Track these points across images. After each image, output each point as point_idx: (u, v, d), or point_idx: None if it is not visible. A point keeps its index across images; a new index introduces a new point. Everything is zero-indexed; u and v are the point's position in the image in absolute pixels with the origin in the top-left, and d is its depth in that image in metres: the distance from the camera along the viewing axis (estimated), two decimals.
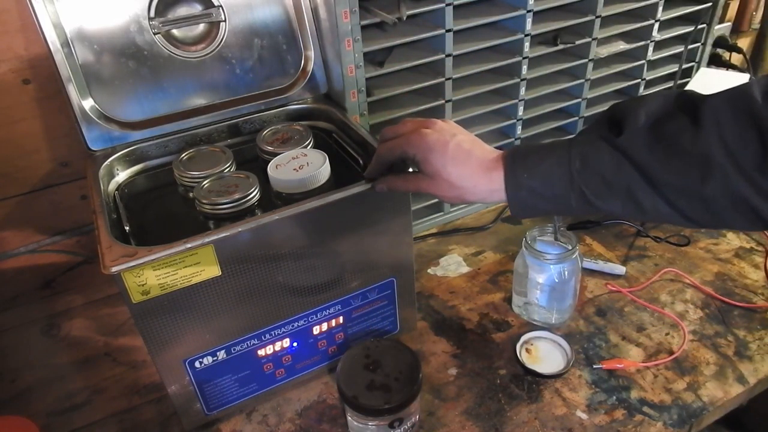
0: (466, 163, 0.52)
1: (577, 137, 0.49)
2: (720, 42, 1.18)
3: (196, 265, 0.55)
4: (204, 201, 0.62)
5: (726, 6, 1.20)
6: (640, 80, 1.04)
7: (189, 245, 0.53)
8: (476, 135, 0.90)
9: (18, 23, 0.71)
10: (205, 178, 0.65)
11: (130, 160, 0.72)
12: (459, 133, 0.54)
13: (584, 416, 0.65)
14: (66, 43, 0.66)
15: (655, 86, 1.08)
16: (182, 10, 0.71)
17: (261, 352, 0.64)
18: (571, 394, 0.68)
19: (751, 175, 0.41)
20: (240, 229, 0.55)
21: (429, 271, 0.88)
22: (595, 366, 0.70)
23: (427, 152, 0.52)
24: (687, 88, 1.02)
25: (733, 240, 0.90)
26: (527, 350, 0.73)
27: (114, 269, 0.50)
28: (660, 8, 0.97)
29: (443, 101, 0.85)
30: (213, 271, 0.56)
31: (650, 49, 1.01)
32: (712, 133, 0.42)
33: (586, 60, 0.94)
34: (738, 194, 0.42)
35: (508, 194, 0.50)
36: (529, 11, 0.83)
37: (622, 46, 0.99)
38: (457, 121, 0.87)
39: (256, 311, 0.61)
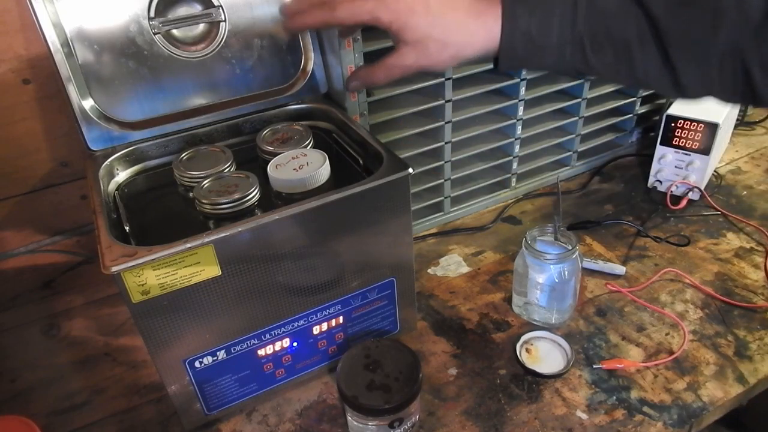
0: (456, 12, 0.47)
1: None
2: None
3: (196, 265, 0.55)
4: (204, 201, 0.62)
5: None
6: None
7: (189, 245, 0.53)
8: (476, 135, 0.91)
9: (18, 23, 0.71)
10: (205, 178, 0.65)
11: (130, 160, 0.72)
12: None
13: (584, 416, 0.65)
14: (66, 43, 0.66)
15: None
16: (182, 10, 0.71)
17: (261, 352, 0.64)
18: (571, 394, 0.68)
19: (754, 31, 0.41)
20: (240, 229, 0.55)
21: (429, 271, 0.88)
22: (595, 366, 0.70)
23: (407, 15, 0.47)
24: None
25: (733, 240, 0.90)
26: (527, 350, 0.73)
27: (114, 269, 0.50)
28: None
29: (443, 101, 0.85)
30: (213, 271, 0.56)
31: None
32: None
33: None
34: (738, 50, 0.42)
35: (503, 38, 0.46)
36: None
37: None
38: (457, 122, 0.88)
39: (256, 311, 0.62)
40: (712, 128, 0.91)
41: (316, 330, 0.67)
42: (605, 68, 0.46)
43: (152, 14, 0.70)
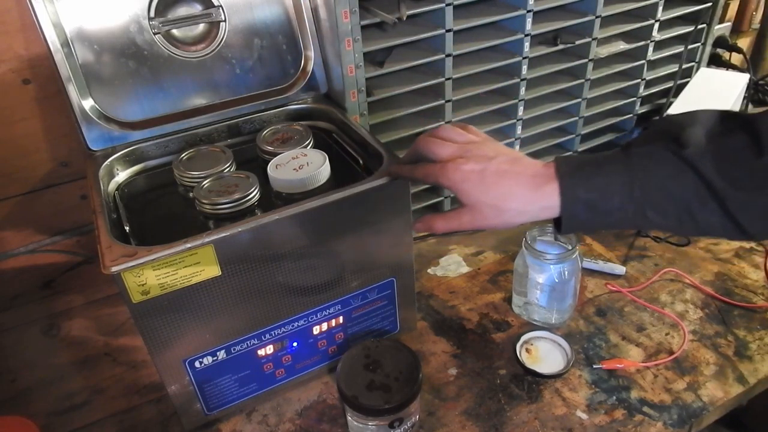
0: (510, 183, 0.50)
1: (632, 149, 0.48)
2: (720, 42, 1.18)
3: (196, 265, 0.55)
4: (204, 201, 0.62)
5: (726, 6, 1.20)
6: (640, 80, 1.04)
7: (189, 245, 0.53)
8: None
9: (18, 23, 0.71)
10: (205, 178, 0.65)
11: (130, 160, 0.72)
12: (497, 155, 0.51)
13: (584, 416, 0.65)
14: (66, 43, 0.66)
15: (655, 86, 1.08)
16: (182, 10, 0.71)
17: (261, 352, 0.64)
18: (571, 394, 0.68)
19: None
20: (240, 229, 0.55)
21: (429, 271, 0.88)
22: (595, 366, 0.70)
23: (462, 183, 0.51)
24: (686, 88, 1.03)
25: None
26: (527, 350, 0.73)
27: (114, 269, 0.50)
28: (660, 8, 0.97)
29: (443, 101, 0.85)
30: (213, 271, 0.56)
31: (650, 49, 1.01)
32: None
33: (586, 60, 0.94)
34: None
35: (563, 210, 0.48)
36: (529, 11, 0.83)
37: (622, 46, 0.99)
38: (457, 121, 0.88)
39: (256, 311, 0.61)
40: None
41: (316, 330, 0.67)
42: (668, 226, 0.48)
43: (152, 14, 0.70)
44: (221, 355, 0.62)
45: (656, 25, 0.99)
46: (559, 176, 0.48)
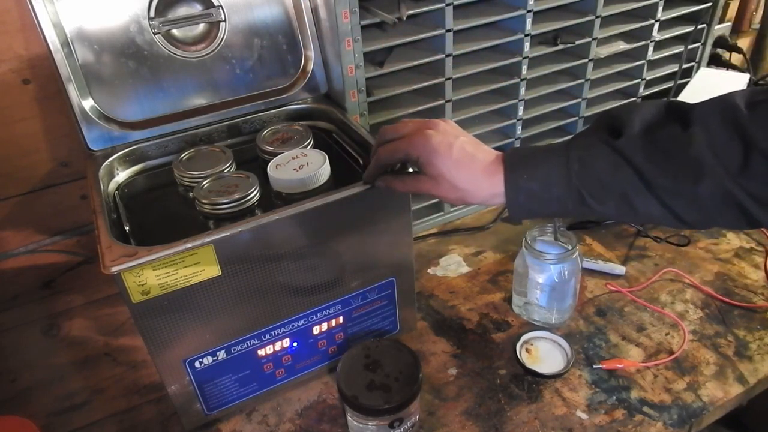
0: (470, 166, 0.52)
1: (574, 141, 0.50)
2: (720, 42, 1.18)
3: (196, 265, 0.55)
4: (204, 201, 0.62)
5: (726, 6, 1.20)
6: (640, 80, 1.04)
7: (189, 245, 0.53)
8: (476, 135, 0.90)
9: (18, 23, 0.71)
10: (205, 178, 0.65)
11: (130, 160, 0.72)
12: (461, 135, 0.54)
13: (584, 416, 0.65)
14: (66, 43, 0.66)
15: (655, 86, 1.08)
16: (182, 10, 0.71)
17: (261, 352, 0.64)
18: (571, 394, 0.68)
19: (737, 177, 0.44)
20: (240, 229, 0.55)
21: (429, 271, 0.88)
22: (595, 366, 0.70)
23: (431, 154, 0.52)
24: (686, 88, 1.03)
25: (733, 240, 0.90)
26: (527, 350, 0.73)
27: (114, 269, 0.50)
28: (660, 8, 0.97)
29: (443, 101, 0.85)
30: (213, 271, 0.56)
31: (650, 49, 1.01)
32: (702, 139, 0.45)
33: (586, 60, 0.94)
34: (727, 194, 0.44)
35: (508, 198, 0.51)
36: (529, 11, 0.83)
37: (622, 46, 0.99)
38: (457, 121, 0.88)
39: (256, 311, 0.62)
40: None
41: (316, 330, 0.67)
42: (610, 215, 0.50)
43: (152, 14, 0.70)
44: (221, 355, 0.62)
45: (656, 25, 0.99)
46: (505, 167, 0.51)
